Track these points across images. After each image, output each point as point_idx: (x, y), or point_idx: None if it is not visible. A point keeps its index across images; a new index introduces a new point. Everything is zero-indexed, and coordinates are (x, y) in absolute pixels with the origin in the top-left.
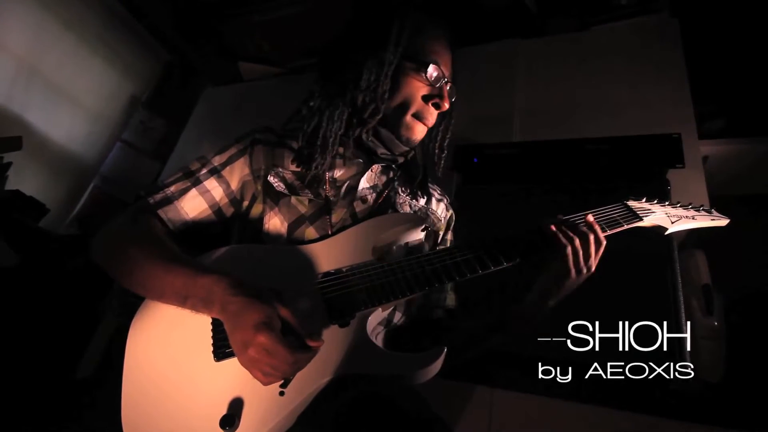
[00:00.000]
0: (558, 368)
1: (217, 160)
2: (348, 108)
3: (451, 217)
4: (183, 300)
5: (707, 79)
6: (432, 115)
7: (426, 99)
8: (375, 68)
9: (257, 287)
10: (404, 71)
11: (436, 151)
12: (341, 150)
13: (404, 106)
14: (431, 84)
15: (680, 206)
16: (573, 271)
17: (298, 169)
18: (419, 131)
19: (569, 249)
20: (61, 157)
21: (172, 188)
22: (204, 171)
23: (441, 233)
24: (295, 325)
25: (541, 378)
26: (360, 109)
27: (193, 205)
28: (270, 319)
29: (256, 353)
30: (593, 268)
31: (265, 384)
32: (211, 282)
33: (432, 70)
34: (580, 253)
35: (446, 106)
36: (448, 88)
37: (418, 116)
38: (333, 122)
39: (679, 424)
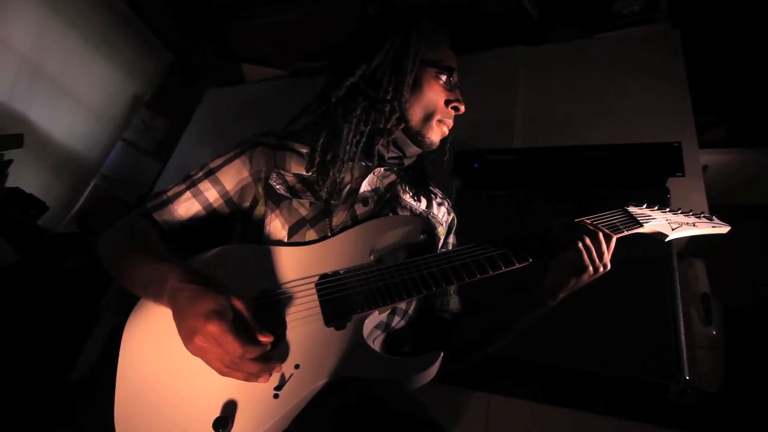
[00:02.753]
0: (555, 374)
1: (213, 163)
2: (368, 117)
3: (452, 220)
4: (145, 288)
5: (708, 88)
6: (452, 119)
7: (447, 103)
8: (395, 76)
9: (211, 276)
10: (424, 77)
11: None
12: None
13: (430, 112)
14: (451, 89)
15: (681, 213)
16: (590, 268)
17: (300, 172)
18: (442, 134)
19: (580, 245)
20: (62, 156)
21: (169, 193)
22: (200, 174)
23: (442, 237)
24: (247, 317)
25: (539, 384)
26: (380, 118)
27: (186, 207)
28: (222, 308)
29: (204, 341)
30: (609, 266)
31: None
32: (167, 269)
33: (455, 76)
34: (593, 250)
35: (463, 109)
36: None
37: (442, 120)
38: (353, 132)
39: None
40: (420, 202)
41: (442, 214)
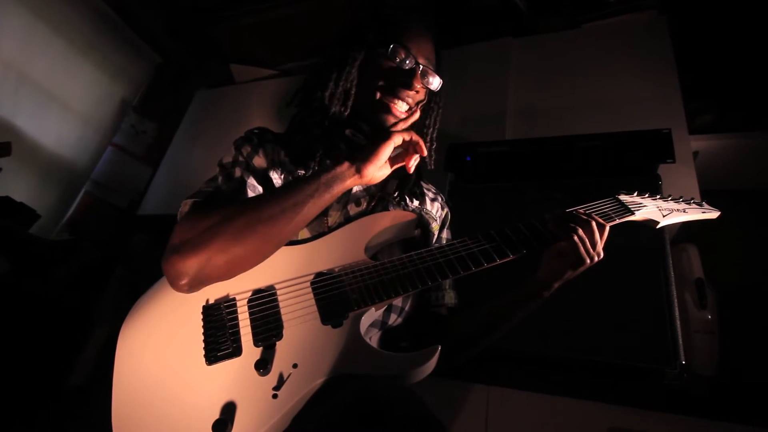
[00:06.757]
0: (552, 364)
1: (243, 159)
2: (316, 105)
3: (446, 215)
4: (318, 198)
5: (697, 74)
6: (404, 96)
7: (394, 80)
8: (337, 67)
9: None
10: (374, 60)
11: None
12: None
13: (374, 91)
14: (399, 66)
15: (671, 199)
16: (584, 257)
17: (295, 172)
18: (394, 114)
19: (574, 235)
20: (52, 163)
21: (224, 189)
22: (240, 170)
23: (436, 232)
24: None
25: (537, 374)
26: (328, 106)
27: None
28: None
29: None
30: (602, 254)
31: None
32: (336, 168)
33: (395, 49)
34: (586, 240)
35: (417, 85)
36: (421, 69)
37: (390, 99)
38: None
39: (673, 417)
40: (413, 199)
41: (435, 210)
